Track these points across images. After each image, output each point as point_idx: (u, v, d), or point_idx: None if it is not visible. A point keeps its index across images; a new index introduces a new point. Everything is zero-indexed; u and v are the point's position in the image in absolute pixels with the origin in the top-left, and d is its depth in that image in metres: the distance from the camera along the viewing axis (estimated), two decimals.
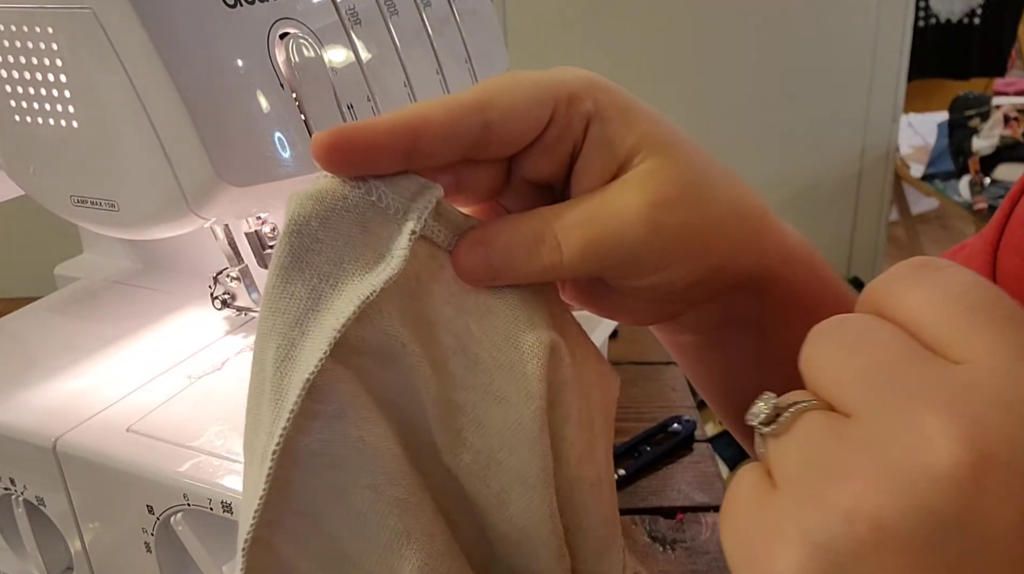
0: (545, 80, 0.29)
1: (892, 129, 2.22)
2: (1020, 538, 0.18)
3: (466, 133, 0.28)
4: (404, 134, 0.27)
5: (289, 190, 0.49)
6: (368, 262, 0.27)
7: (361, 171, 0.27)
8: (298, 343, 0.27)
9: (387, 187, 0.27)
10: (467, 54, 0.58)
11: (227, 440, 0.49)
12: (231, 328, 0.62)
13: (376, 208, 0.27)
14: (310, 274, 0.27)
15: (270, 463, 0.26)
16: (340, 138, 0.27)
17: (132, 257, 0.73)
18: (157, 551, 0.49)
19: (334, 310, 0.26)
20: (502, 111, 0.28)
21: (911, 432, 0.19)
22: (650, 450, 0.73)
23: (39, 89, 0.47)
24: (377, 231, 0.27)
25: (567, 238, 0.28)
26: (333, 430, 0.27)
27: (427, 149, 0.28)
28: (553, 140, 0.30)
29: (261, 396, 0.27)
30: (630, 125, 0.30)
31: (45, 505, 0.52)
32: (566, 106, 0.29)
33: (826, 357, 0.22)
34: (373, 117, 0.28)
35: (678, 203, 0.29)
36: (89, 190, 0.48)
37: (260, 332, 0.27)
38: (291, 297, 0.27)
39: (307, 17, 0.47)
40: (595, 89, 0.30)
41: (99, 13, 0.43)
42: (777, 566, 0.20)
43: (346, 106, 0.48)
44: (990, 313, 0.20)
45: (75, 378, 0.56)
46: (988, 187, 2.15)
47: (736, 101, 2.12)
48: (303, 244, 0.27)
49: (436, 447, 0.28)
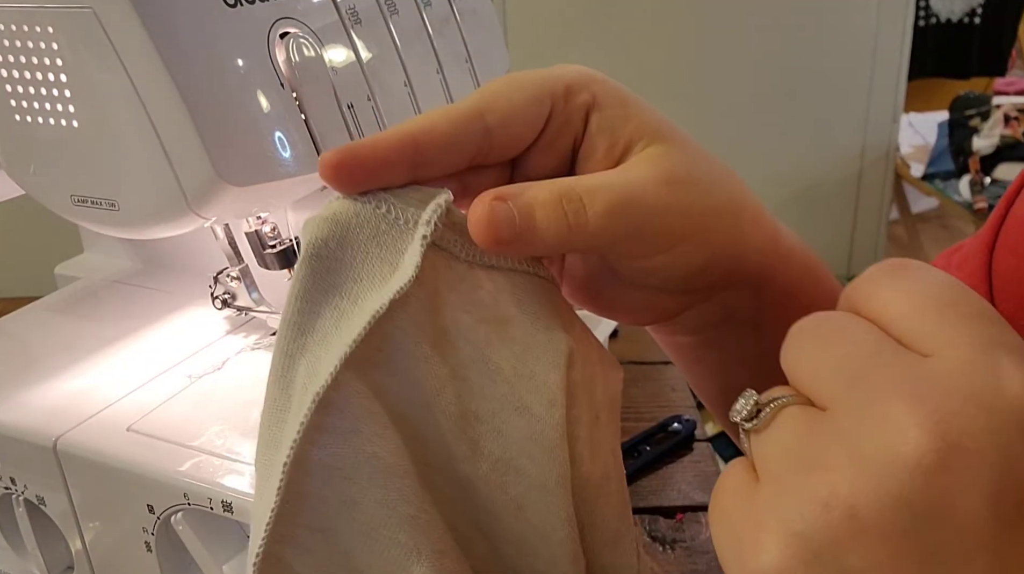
0: (541, 78, 0.30)
1: (892, 128, 2.22)
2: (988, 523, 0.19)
3: (468, 140, 0.28)
4: (408, 147, 0.27)
5: (289, 189, 0.49)
6: (384, 275, 0.27)
7: (369, 186, 0.28)
8: (322, 359, 0.27)
9: (396, 199, 0.28)
10: (467, 54, 0.58)
11: (227, 439, 0.49)
12: (231, 328, 0.62)
13: (388, 220, 0.27)
14: (331, 293, 0.27)
15: (281, 475, 0.26)
16: (346, 156, 0.27)
17: (132, 257, 0.73)
18: (157, 550, 0.49)
19: (352, 326, 0.27)
20: (502, 114, 0.28)
21: (882, 423, 0.20)
22: (650, 450, 0.73)
23: (39, 89, 0.47)
24: (391, 244, 0.27)
25: (592, 199, 0.28)
26: (348, 445, 0.27)
27: (432, 159, 0.28)
28: (554, 135, 0.30)
29: (287, 413, 0.28)
30: (629, 113, 0.30)
31: (45, 504, 0.52)
32: (564, 100, 0.29)
33: (804, 353, 0.23)
34: (377, 133, 0.28)
35: (686, 183, 0.29)
36: (89, 190, 0.48)
37: (286, 351, 0.28)
38: (317, 316, 0.27)
39: (307, 17, 0.47)
40: (591, 81, 0.30)
41: (99, 13, 0.43)
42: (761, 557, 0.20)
43: (346, 106, 0.48)
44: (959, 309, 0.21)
45: (75, 378, 0.56)
46: (988, 187, 2.15)
47: (736, 101, 2.12)
48: (323, 266, 0.27)
49: (450, 458, 0.28)
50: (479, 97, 0.29)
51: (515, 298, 0.29)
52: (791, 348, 0.23)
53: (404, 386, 0.28)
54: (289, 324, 0.28)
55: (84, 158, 0.47)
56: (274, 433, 0.28)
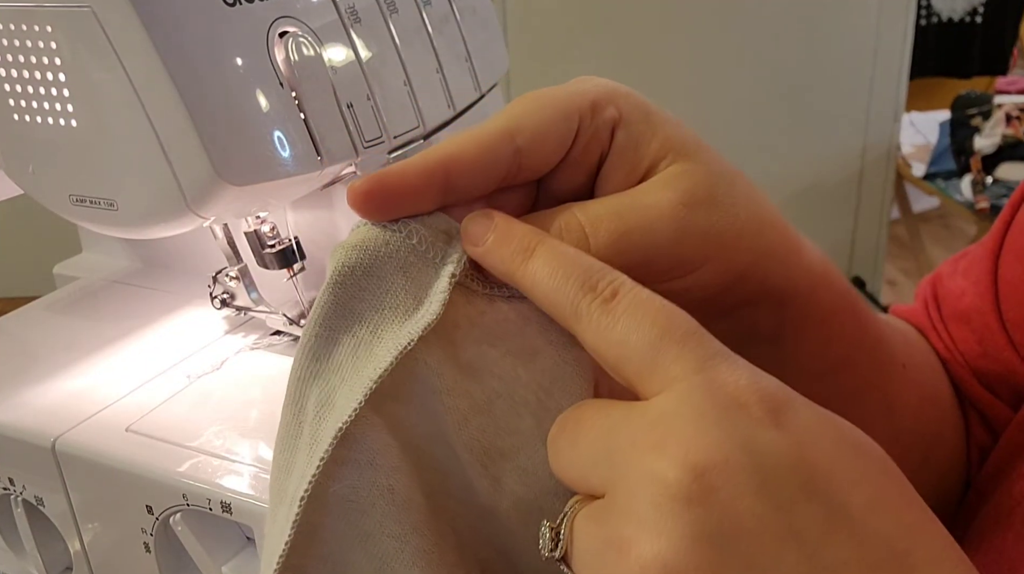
0: (567, 94, 0.29)
1: (894, 128, 2.22)
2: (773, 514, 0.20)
3: (498, 163, 0.28)
4: (438, 174, 0.27)
5: (288, 189, 0.48)
6: (408, 308, 0.27)
7: (398, 214, 0.27)
8: (337, 389, 0.27)
9: (426, 230, 0.27)
10: (467, 53, 0.58)
11: (226, 440, 0.49)
12: (230, 328, 0.62)
13: (417, 253, 0.27)
14: (352, 321, 0.27)
15: (297, 509, 0.26)
16: (376, 184, 0.27)
17: (131, 256, 0.73)
18: (156, 551, 0.49)
19: (373, 358, 0.26)
20: (531, 134, 0.28)
21: (644, 482, 0.21)
22: None
23: (38, 88, 0.47)
24: (417, 276, 0.27)
25: (596, 229, 0.28)
26: (364, 478, 0.27)
27: (462, 185, 0.28)
28: (580, 153, 0.29)
29: (298, 439, 0.27)
30: (654, 130, 0.29)
31: (44, 505, 0.52)
32: (590, 116, 0.29)
33: (563, 458, 0.25)
34: (405, 160, 0.28)
35: (707, 204, 0.29)
36: (88, 189, 0.48)
37: (301, 378, 0.28)
38: (335, 344, 0.27)
39: (307, 16, 0.47)
40: (616, 96, 0.30)
41: (98, 12, 0.42)
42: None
43: (346, 105, 0.48)
44: (672, 335, 0.23)
45: (74, 378, 0.56)
46: (990, 186, 2.15)
47: (736, 100, 2.12)
48: (347, 293, 0.27)
49: (471, 491, 0.28)
50: (507, 118, 0.28)
51: (541, 327, 0.28)
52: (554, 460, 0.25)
53: (423, 419, 0.28)
54: (305, 349, 0.28)
55: (83, 157, 0.47)
56: (286, 458, 0.28)
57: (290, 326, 0.59)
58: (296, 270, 0.56)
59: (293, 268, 0.56)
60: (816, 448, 0.21)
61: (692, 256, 0.29)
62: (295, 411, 0.28)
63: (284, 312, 0.58)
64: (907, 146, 2.41)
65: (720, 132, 1.91)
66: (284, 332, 0.60)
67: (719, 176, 0.30)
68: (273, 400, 0.53)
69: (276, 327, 0.60)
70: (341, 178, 0.52)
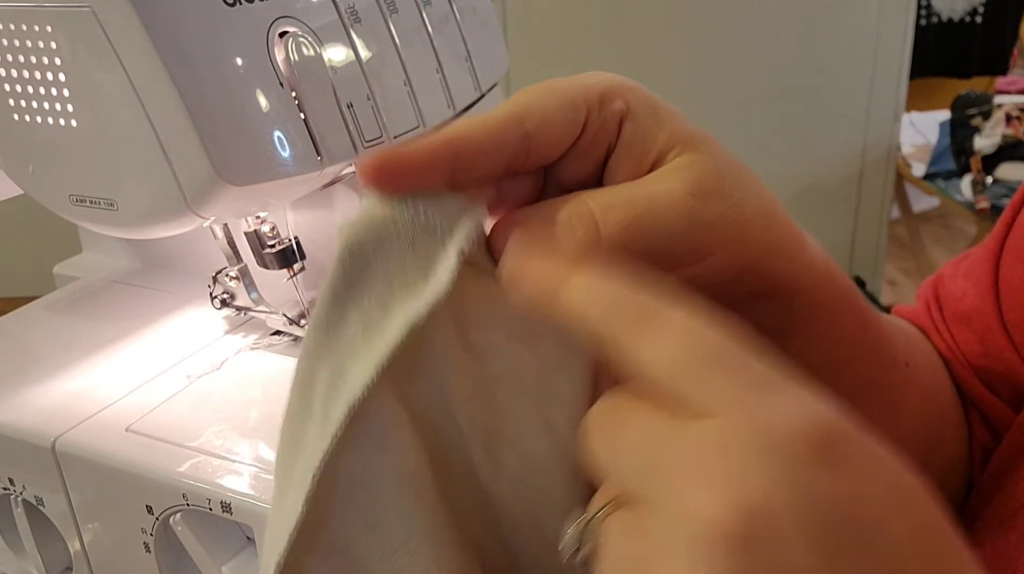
0: (575, 84, 0.29)
1: (893, 128, 2.21)
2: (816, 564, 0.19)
3: (506, 146, 0.28)
4: (446, 152, 0.27)
5: (288, 189, 0.48)
6: (416, 283, 0.27)
7: (407, 189, 0.27)
8: (348, 366, 0.27)
9: (434, 206, 0.27)
10: (467, 53, 0.58)
11: (226, 440, 0.49)
12: (230, 328, 0.62)
13: (426, 229, 0.27)
14: (361, 297, 0.27)
15: (310, 486, 0.26)
16: (386, 159, 0.27)
17: (131, 256, 0.73)
18: (156, 551, 0.49)
19: (383, 335, 0.26)
20: (539, 120, 0.28)
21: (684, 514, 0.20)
22: None
23: (38, 88, 0.47)
24: (424, 252, 0.27)
25: (606, 216, 0.28)
26: (372, 459, 0.27)
27: (470, 164, 0.28)
28: (588, 143, 0.30)
29: (308, 420, 0.27)
30: (661, 122, 0.30)
31: (44, 505, 0.52)
32: (598, 107, 0.29)
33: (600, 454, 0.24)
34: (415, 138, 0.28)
35: (715, 195, 0.29)
36: (88, 189, 0.48)
37: (311, 354, 0.27)
38: (345, 321, 0.27)
39: (307, 16, 0.47)
40: (624, 89, 0.30)
41: (98, 12, 0.42)
42: None
43: (346, 105, 0.48)
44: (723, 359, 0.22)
45: (74, 378, 0.56)
46: (990, 186, 2.15)
47: (736, 100, 2.12)
48: (356, 269, 0.27)
49: (472, 468, 0.28)
50: (515, 103, 0.29)
51: None
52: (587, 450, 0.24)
53: (431, 395, 0.28)
54: (315, 326, 0.27)
55: (83, 157, 0.47)
56: (294, 438, 0.28)
57: (290, 326, 0.59)
58: (296, 270, 0.56)
59: (293, 268, 0.56)
60: (870, 496, 0.20)
61: (699, 246, 0.29)
62: (304, 390, 0.27)
63: (284, 312, 0.58)
64: (907, 146, 2.41)
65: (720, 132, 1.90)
66: (284, 332, 0.60)
67: (727, 169, 0.30)
68: (273, 400, 0.53)
69: (276, 327, 0.60)
70: (341, 178, 0.52)
